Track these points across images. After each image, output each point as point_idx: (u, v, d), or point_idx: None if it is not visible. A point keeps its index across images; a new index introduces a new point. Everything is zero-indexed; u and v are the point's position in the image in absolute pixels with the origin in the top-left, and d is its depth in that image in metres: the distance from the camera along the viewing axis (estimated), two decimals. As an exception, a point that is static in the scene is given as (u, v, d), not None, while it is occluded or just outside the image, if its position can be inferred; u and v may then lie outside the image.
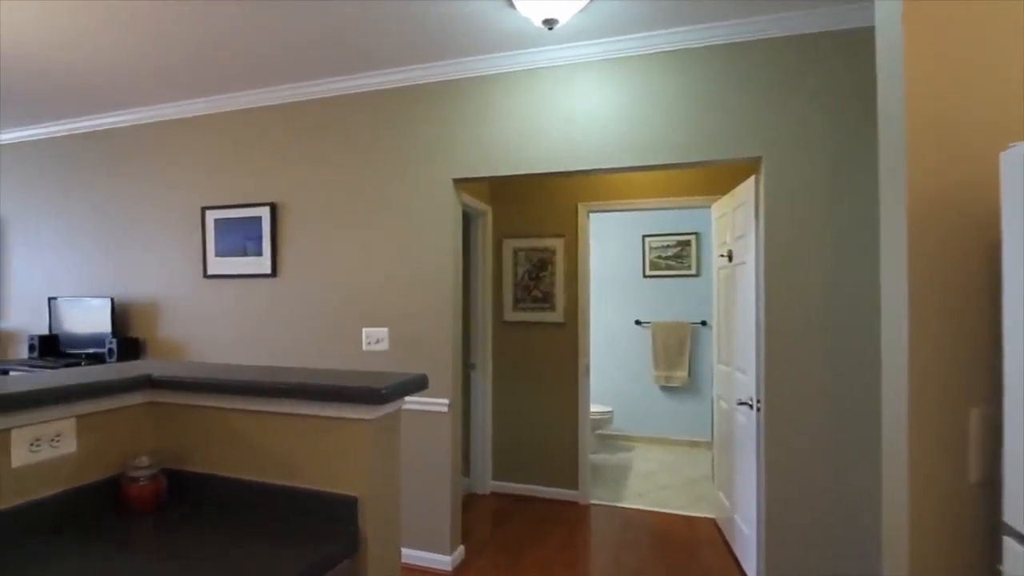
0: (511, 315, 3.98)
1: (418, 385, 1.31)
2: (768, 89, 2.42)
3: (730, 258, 3.07)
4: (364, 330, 3.02)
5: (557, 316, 3.88)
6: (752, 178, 2.64)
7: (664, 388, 5.33)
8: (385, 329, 2.97)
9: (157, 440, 1.44)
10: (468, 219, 3.99)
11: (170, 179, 3.55)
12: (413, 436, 2.91)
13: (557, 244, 3.90)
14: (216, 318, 3.39)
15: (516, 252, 3.99)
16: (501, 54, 2.73)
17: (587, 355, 3.84)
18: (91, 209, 3.82)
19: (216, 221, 3.38)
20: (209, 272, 3.39)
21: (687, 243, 5.28)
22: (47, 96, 3.37)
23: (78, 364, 3.38)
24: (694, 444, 5.23)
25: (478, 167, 2.82)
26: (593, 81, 2.65)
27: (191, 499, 1.37)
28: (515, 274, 3.99)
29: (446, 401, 2.84)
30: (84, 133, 3.85)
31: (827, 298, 2.35)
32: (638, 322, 5.42)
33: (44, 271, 4.00)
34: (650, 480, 4.31)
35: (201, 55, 2.77)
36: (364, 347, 3.01)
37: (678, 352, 5.23)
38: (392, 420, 1.30)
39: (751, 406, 2.67)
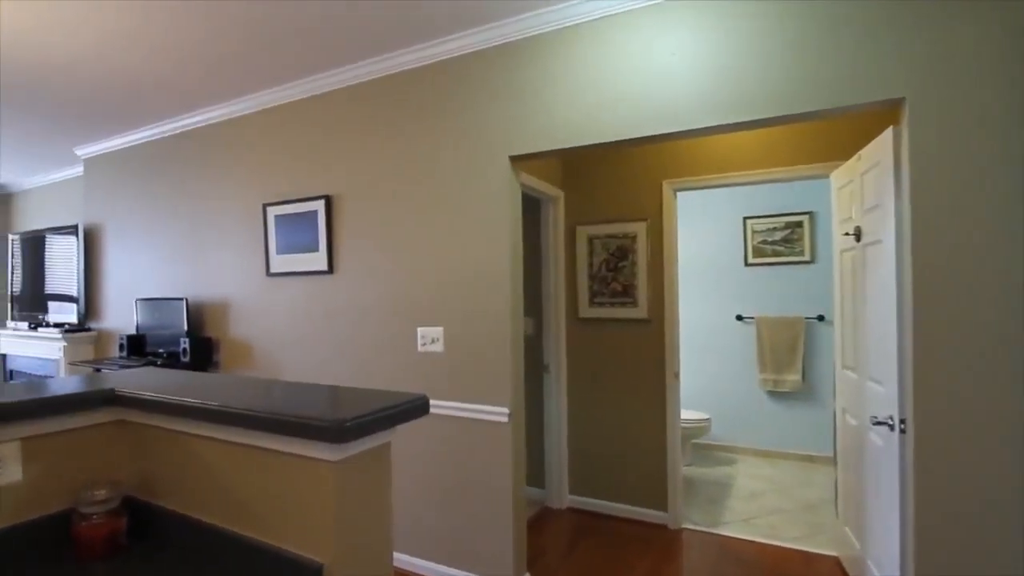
0: (587, 311, 3.56)
1: (408, 412, 0.97)
2: (913, 1, 1.80)
3: (858, 237, 2.44)
4: (419, 330, 2.75)
5: (640, 311, 3.39)
6: (888, 131, 2.02)
7: (772, 393, 4.62)
8: (440, 329, 2.68)
9: (126, 467, 1.22)
10: (536, 205, 3.61)
11: (234, 178, 3.52)
12: (469, 449, 2.60)
13: (639, 229, 3.41)
14: (278, 316, 3.30)
15: (591, 240, 3.56)
16: (562, 4, 2.32)
17: (676, 355, 3.33)
18: (168, 212, 3.91)
19: (276, 218, 3.28)
20: (271, 270, 3.30)
21: (798, 224, 4.53)
22: (124, 105, 3.45)
23: (152, 364, 3.45)
24: (809, 459, 4.48)
25: (538, 141, 2.43)
26: (673, 26, 2.16)
27: (155, 541, 1.12)
28: (591, 265, 3.56)
29: (505, 410, 2.49)
30: (159, 139, 3.95)
31: (1010, 288, 1.71)
32: (740, 317, 4.75)
33: (132, 273, 4.17)
34: (756, 502, 3.70)
35: (255, 42, 2.63)
36: (419, 348, 2.75)
37: (788, 352, 4.50)
38: (371, 462, 0.96)
39: (891, 426, 2.06)
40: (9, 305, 5.19)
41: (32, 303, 4.91)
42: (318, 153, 3.14)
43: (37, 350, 4.65)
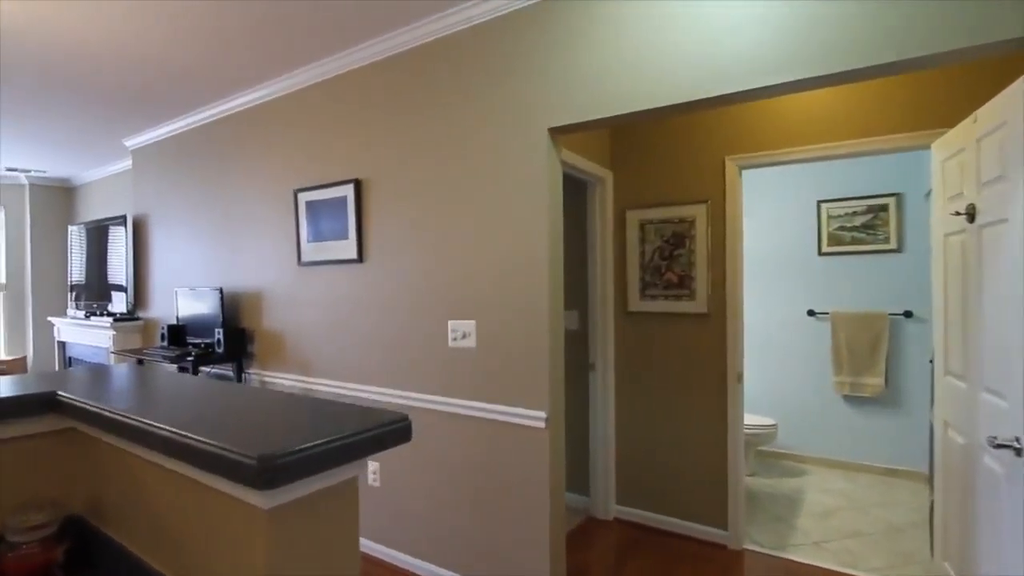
0: (637, 304, 3.22)
1: (381, 440, 0.72)
2: (1070, -89, 1.38)
3: (971, 217, 2.00)
4: (450, 323, 2.52)
5: (698, 305, 3.03)
6: (1018, 84, 1.60)
7: (849, 398, 4.13)
8: (472, 323, 2.44)
9: (79, 484, 1.03)
10: (582, 188, 3.30)
11: (267, 163, 3.40)
12: (502, 454, 2.35)
13: (697, 213, 3.04)
14: (309, 307, 3.16)
15: (643, 226, 3.21)
16: (607, -50, 2.00)
17: (740, 354, 2.95)
18: (206, 200, 3.86)
19: (307, 204, 3.13)
20: (303, 259, 3.16)
21: (882, 208, 4.00)
22: (164, 93, 3.40)
23: (186, 355, 3.39)
24: (891, 473, 3.97)
25: (582, 109, 2.13)
26: (742, -37, 1.81)
27: (93, 574, 0.93)
28: (642, 253, 3.22)
29: (542, 415, 2.22)
30: (197, 127, 3.90)
31: None
32: (812, 313, 4.27)
33: (174, 262, 4.17)
34: (829, 522, 3.27)
35: (288, 18, 2.46)
36: (450, 343, 2.51)
37: (869, 352, 4.00)
38: (325, 506, 0.72)
39: (1017, 451, 1.65)
40: (69, 294, 5.37)
41: (86, 292, 5.04)
42: (347, 134, 2.95)
43: (90, 338, 4.76)
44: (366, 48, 2.77)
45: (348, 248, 2.93)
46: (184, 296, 3.83)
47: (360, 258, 2.89)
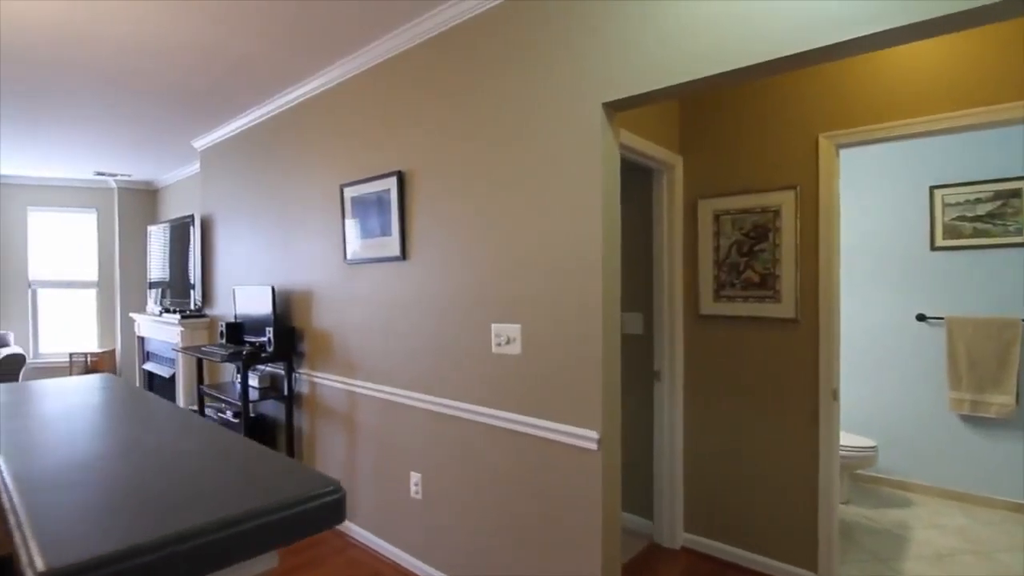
0: (711, 307, 2.84)
1: (277, 531, 0.47)
2: None
3: None
4: (493, 327, 2.28)
5: (784, 309, 2.62)
6: None
7: (969, 418, 3.51)
8: (517, 326, 2.18)
9: None
10: (647, 177, 2.96)
11: (314, 158, 3.31)
12: (549, 476, 2.08)
13: (783, 201, 2.62)
14: (354, 307, 3.03)
15: (718, 217, 2.82)
16: None
17: (836, 366, 2.51)
18: (261, 198, 3.85)
19: (352, 200, 3.00)
20: (348, 257, 3.04)
21: (1014, 193, 3.36)
22: (221, 91, 3.39)
23: (238, 353, 3.37)
24: (1021, 510, 3.33)
25: (642, 78, 1.82)
26: None
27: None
28: (717, 249, 2.83)
29: (593, 435, 1.93)
30: (253, 125, 3.89)
31: None
32: (922, 317, 3.67)
33: (234, 260, 4.21)
34: (945, 566, 2.74)
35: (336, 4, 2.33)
36: (493, 348, 2.27)
37: (996, 365, 3.37)
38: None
39: None
40: (147, 291, 5.64)
41: (162, 290, 5.25)
42: (391, 123, 2.78)
43: (164, 334, 4.95)
44: (411, 28, 2.58)
45: (391, 245, 2.76)
46: (241, 294, 3.84)
47: (403, 255, 2.71)
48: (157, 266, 5.46)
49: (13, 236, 6.28)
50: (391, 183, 2.74)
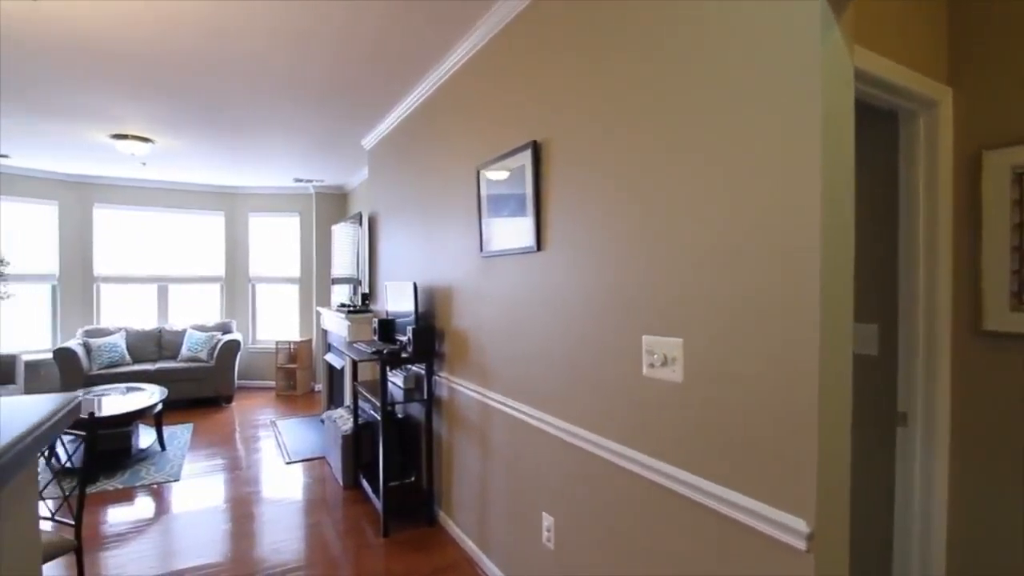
0: (1004, 319, 1.80)
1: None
2: None
3: None
4: (644, 339, 1.65)
5: None
6: None
7: None
8: (677, 341, 1.52)
9: None
10: (888, 122, 2.01)
11: (456, 143, 2.99)
12: (721, 564, 1.38)
13: None
14: (489, 306, 2.63)
15: (1021, 178, 1.78)
16: None
17: None
18: (408, 190, 3.69)
19: (488, 184, 2.60)
20: (484, 249, 2.65)
21: None
22: (369, 81, 3.29)
23: (380, 351, 3.20)
24: None
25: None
26: None
27: None
28: (1019, 227, 1.79)
29: (801, 525, 1.19)
30: (402, 120, 3.76)
31: None
32: None
33: (388, 256, 4.16)
34: None
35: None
36: (644, 369, 1.64)
37: None
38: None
39: None
40: (331, 287, 6.05)
41: (342, 285, 5.55)
42: (525, 87, 2.30)
43: (337, 327, 5.19)
44: (545, -38, 2.07)
45: (525, 233, 2.28)
46: (392, 290, 3.73)
47: (537, 246, 2.21)
48: (337, 263, 5.81)
49: (239, 238, 7.30)
50: (525, 158, 2.26)
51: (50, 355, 5.77)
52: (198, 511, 3.40)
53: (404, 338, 3.38)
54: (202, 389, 6.15)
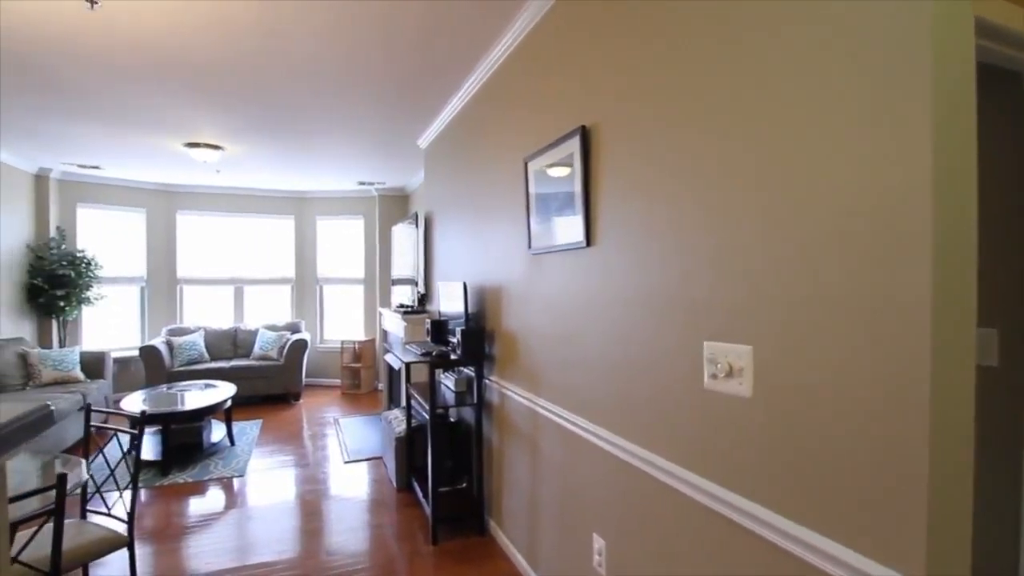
0: None
1: None
2: None
3: None
4: (706, 346, 1.42)
5: None
6: None
7: None
8: (746, 349, 1.30)
9: None
10: (1015, 83, 1.66)
11: (505, 135, 2.85)
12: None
13: None
14: (537, 306, 2.47)
15: None
16: None
17: None
18: (460, 187, 3.59)
19: (535, 176, 2.44)
20: (532, 246, 2.49)
21: None
22: (419, 76, 3.22)
23: (429, 353, 3.11)
24: None
25: None
26: None
27: None
28: None
29: (905, 585, 0.95)
30: (454, 117, 3.66)
31: None
32: None
33: (441, 255, 4.08)
34: None
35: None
36: (706, 380, 1.42)
37: None
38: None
39: None
40: (391, 287, 6.09)
41: (400, 285, 5.56)
42: (571, 70, 2.12)
43: (395, 328, 5.20)
44: (593, -71, 1.88)
45: (574, 227, 2.10)
46: (442, 290, 3.65)
47: (587, 240, 2.02)
48: (396, 264, 5.84)
49: (307, 241, 7.55)
50: (574, 145, 2.08)
51: (137, 352, 6.18)
52: (254, 507, 3.46)
53: (454, 340, 3.28)
54: (272, 386, 6.38)
